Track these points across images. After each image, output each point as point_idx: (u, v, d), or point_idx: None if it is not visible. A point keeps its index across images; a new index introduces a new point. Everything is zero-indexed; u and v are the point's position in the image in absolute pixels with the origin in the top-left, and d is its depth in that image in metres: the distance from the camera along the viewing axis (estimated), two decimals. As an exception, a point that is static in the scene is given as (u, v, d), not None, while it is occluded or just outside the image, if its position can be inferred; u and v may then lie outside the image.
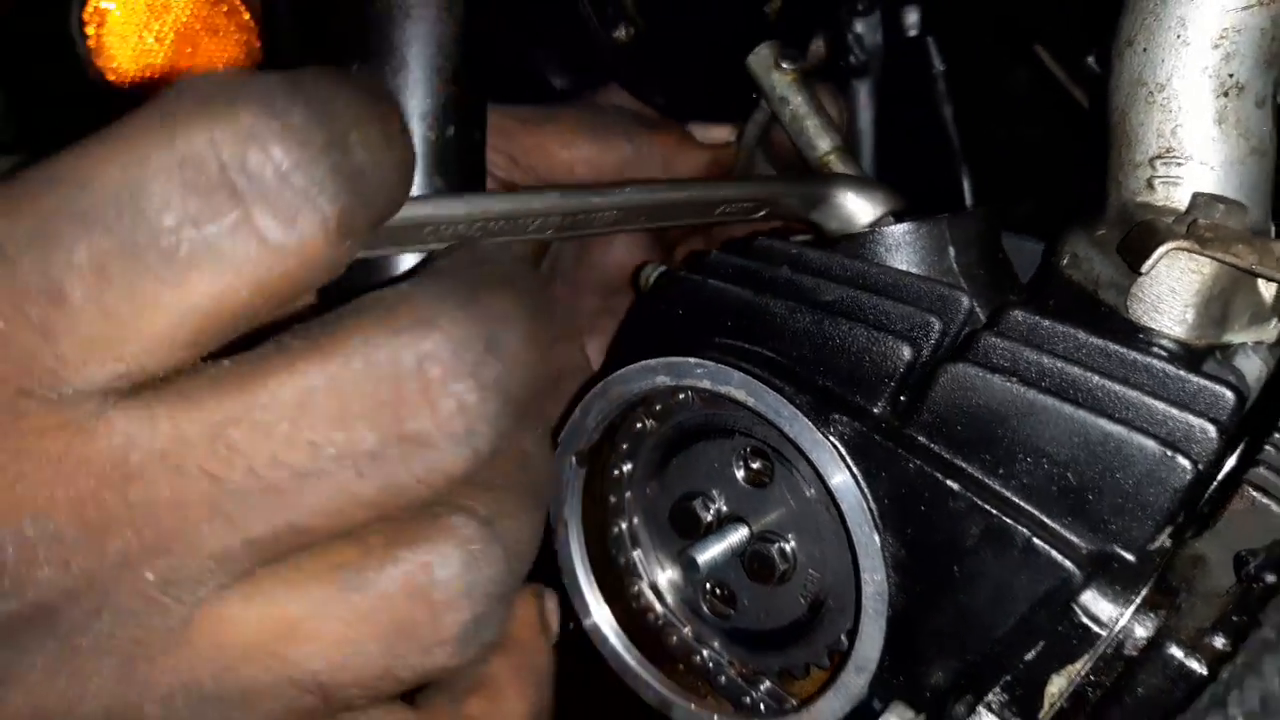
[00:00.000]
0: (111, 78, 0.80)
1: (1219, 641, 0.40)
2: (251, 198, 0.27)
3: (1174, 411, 0.43)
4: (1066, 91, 0.66)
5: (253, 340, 0.31)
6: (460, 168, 0.48)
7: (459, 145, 0.49)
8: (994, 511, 0.44)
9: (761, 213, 0.56)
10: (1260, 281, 0.47)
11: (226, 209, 0.27)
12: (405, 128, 0.32)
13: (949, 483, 0.45)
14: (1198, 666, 0.39)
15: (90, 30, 0.78)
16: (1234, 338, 0.47)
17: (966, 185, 0.79)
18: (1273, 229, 0.47)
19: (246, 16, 0.80)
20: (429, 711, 0.37)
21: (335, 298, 0.32)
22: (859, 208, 0.57)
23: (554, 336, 0.35)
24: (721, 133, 0.66)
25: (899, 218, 0.56)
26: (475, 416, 0.30)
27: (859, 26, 0.78)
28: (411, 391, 0.29)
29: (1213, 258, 0.43)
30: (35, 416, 0.28)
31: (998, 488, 0.45)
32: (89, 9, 0.78)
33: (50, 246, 0.27)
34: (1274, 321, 0.47)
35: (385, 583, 0.31)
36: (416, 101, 0.47)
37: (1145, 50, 0.47)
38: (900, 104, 0.79)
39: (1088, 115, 0.60)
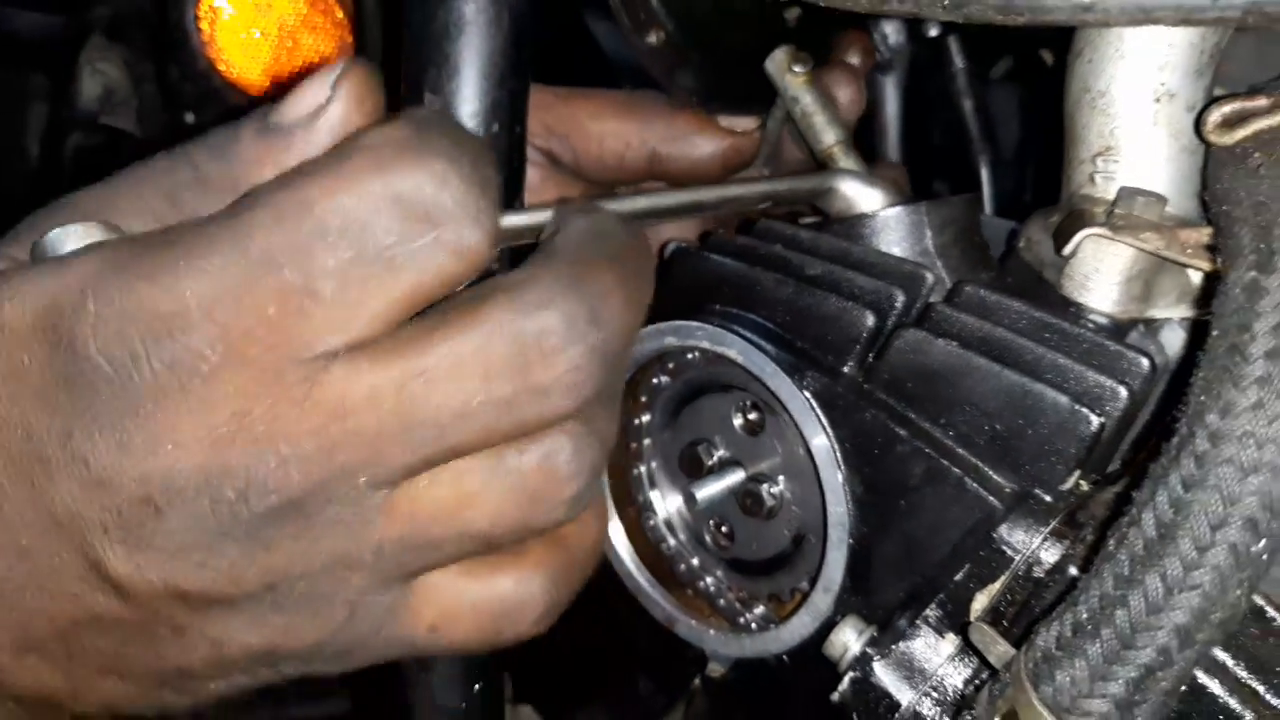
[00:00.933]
0: (221, 68, 0.92)
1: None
2: (441, 222, 0.40)
3: (1090, 373, 0.50)
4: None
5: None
6: (502, 157, 0.58)
7: (503, 139, 0.58)
8: (933, 454, 0.52)
9: (765, 205, 0.64)
10: (1189, 264, 0.54)
11: (426, 231, 0.40)
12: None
13: (898, 430, 0.53)
14: (1089, 584, 0.47)
15: (204, 26, 0.90)
16: (1158, 313, 0.53)
17: (984, 174, 0.86)
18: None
19: (340, 15, 0.91)
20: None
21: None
22: (861, 196, 0.65)
23: (645, 298, 0.46)
24: (744, 122, 0.74)
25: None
26: (582, 372, 0.42)
27: (885, 27, 0.85)
28: (535, 355, 0.41)
29: (1124, 243, 0.50)
30: (290, 373, 0.40)
31: (939, 435, 0.53)
32: (203, 6, 0.90)
33: (308, 257, 0.39)
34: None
35: (526, 465, 0.43)
36: (467, 104, 0.56)
37: (1090, 61, 0.54)
38: (924, 98, 0.86)
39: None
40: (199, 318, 0.39)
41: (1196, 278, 0.54)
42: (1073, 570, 0.48)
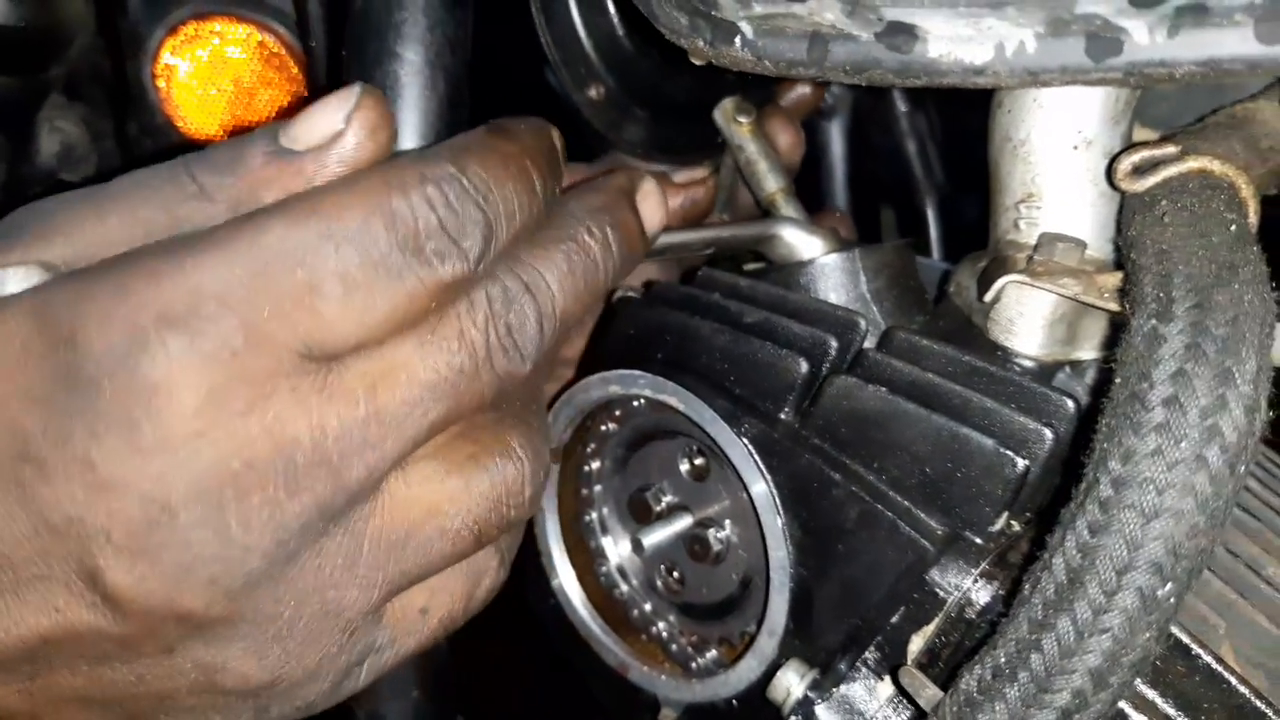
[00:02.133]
0: (179, 124, 0.93)
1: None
2: (427, 242, 0.42)
3: (1015, 416, 0.51)
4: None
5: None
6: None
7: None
8: (867, 498, 0.53)
9: (709, 251, 0.66)
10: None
11: (420, 247, 0.42)
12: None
13: (833, 474, 0.54)
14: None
15: (161, 83, 0.91)
16: (1083, 355, 0.55)
17: (931, 215, 0.88)
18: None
19: (295, 70, 0.92)
20: None
21: None
22: (801, 243, 0.66)
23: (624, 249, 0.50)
24: (697, 172, 0.75)
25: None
26: (529, 342, 0.46)
27: (830, 73, 0.86)
28: (493, 337, 0.45)
29: (1043, 288, 0.51)
30: (309, 368, 0.40)
31: (872, 479, 0.54)
32: (160, 64, 0.91)
33: (320, 258, 0.40)
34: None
35: (505, 469, 0.47)
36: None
37: (1010, 111, 0.55)
38: (868, 140, 0.88)
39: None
40: (216, 309, 0.38)
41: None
42: (1002, 611, 0.49)
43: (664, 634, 0.68)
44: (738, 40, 0.47)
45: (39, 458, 0.38)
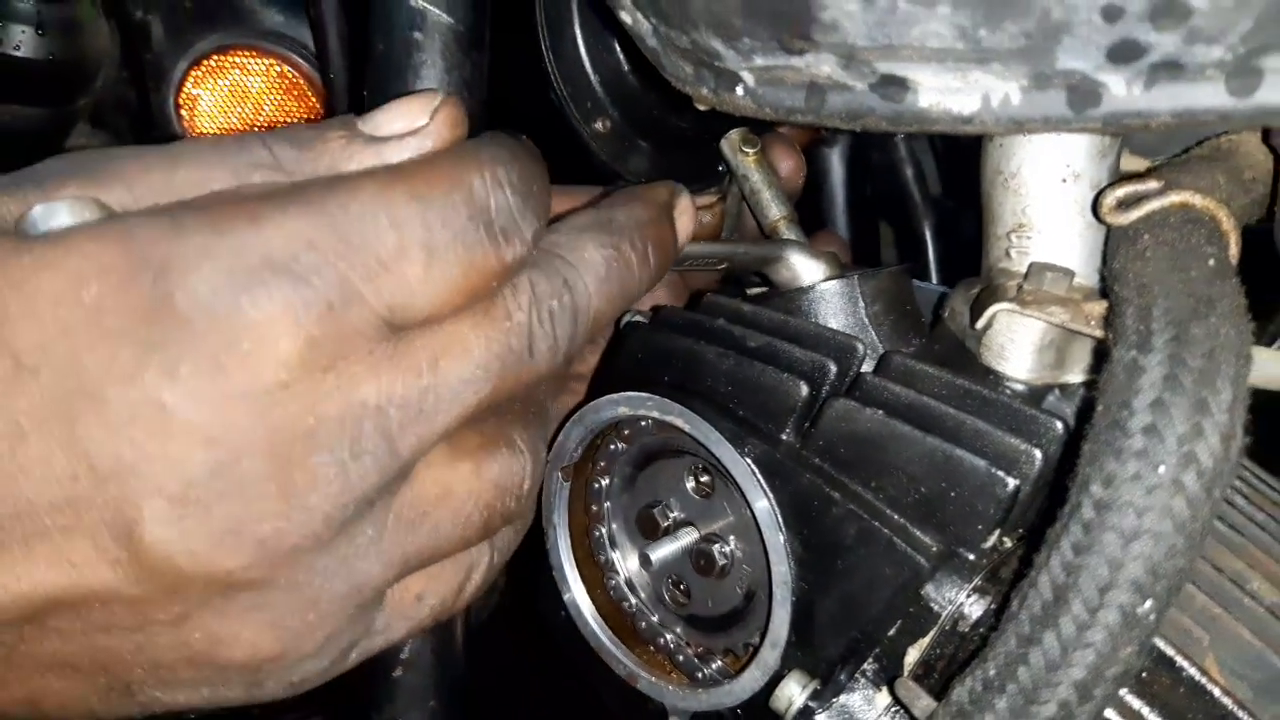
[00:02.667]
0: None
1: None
2: (497, 219, 0.44)
3: (1006, 437, 0.54)
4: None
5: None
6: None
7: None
8: (864, 516, 0.55)
9: (723, 266, 0.68)
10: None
11: (487, 223, 0.44)
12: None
13: (833, 493, 0.56)
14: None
15: (184, 112, 0.94)
16: (1072, 378, 0.57)
17: (929, 239, 0.90)
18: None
19: (314, 101, 0.95)
20: None
21: None
22: (805, 268, 0.69)
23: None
24: (704, 199, 0.78)
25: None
26: (558, 341, 0.48)
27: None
28: (519, 335, 0.46)
29: (1032, 316, 0.53)
30: (385, 334, 0.41)
31: (870, 498, 0.56)
32: (183, 95, 0.94)
33: (405, 226, 0.41)
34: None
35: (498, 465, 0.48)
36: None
37: (1001, 145, 0.58)
38: (868, 164, 0.91)
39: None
40: (319, 260, 0.38)
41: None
42: (994, 625, 0.51)
43: (671, 645, 0.70)
44: (739, 89, 0.49)
45: (99, 394, 0.35)
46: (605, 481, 0.71)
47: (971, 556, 0.53)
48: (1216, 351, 0.42)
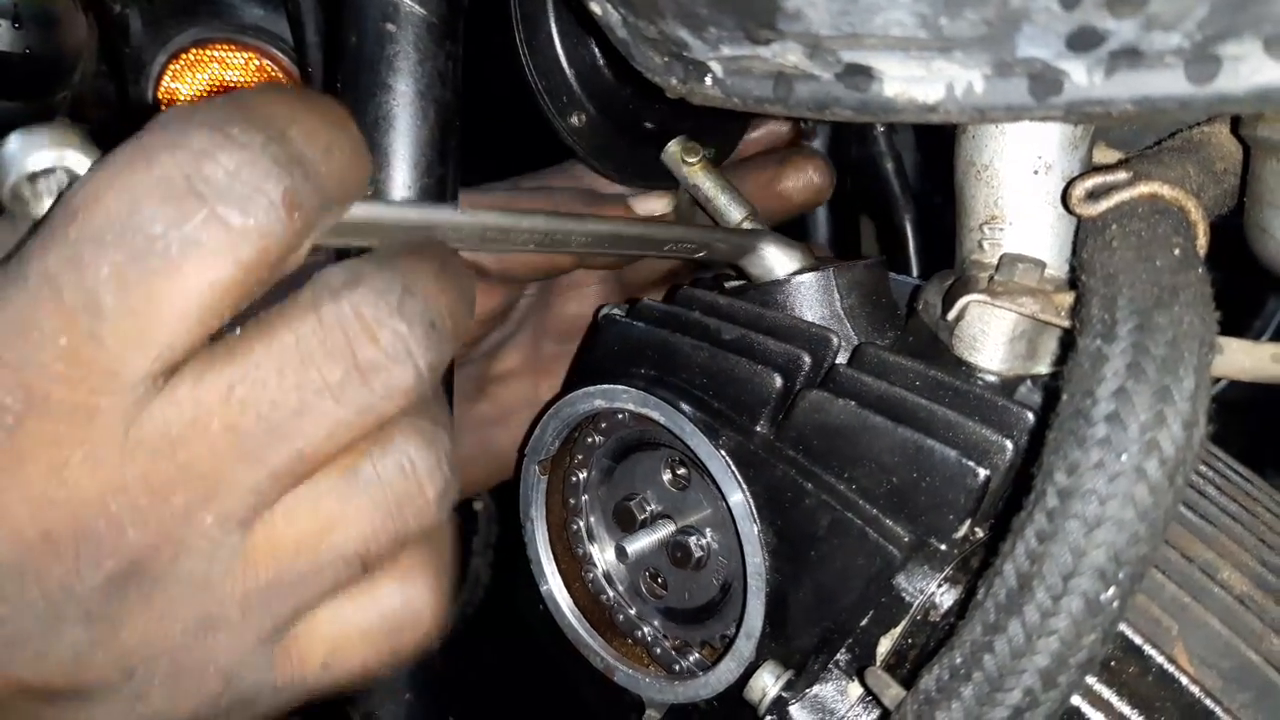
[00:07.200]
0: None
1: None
2: (212, 198, 0.35)
3: (977, 428, 0.54)
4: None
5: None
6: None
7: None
8: (837, 507, 0.55)
9: (701, 254, 0.68)
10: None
11: (196, 210, 0.35)
12: (346, 117, 0.41)
13: (806, 484, 0.57)
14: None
15: (163, 107, 0.94)
16: (1044, 369, 0.57)
17: (909, 232, 0.90)
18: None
19: (293, 94, 0.95)
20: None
21: None
22: (779, 260, 0.68)
23: (462, 283, 0.43)
24: (657, 204, 0.77)
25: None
26: (409, 340, 0.39)
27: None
28: (356, 332, 0.38)
29: (1003, 308, 0.54)
30: (103, 411, 0.36)
31: (843, 489, 0.56)
32: (161, 88, 0.94)
33: (81, 270, 0.35)
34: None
35: (387, 473, 0.41)
36: (398, 192, 0.61)
37: (973, 137, 0.58)
38: (847, 157, 0.91)
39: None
40: None
41: (1080, 335, 0.58)
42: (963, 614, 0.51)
43: (648, 637, 0.70)
44: (708, 79, 0.49)
45: None
46: (583, 474, 0.71)
47: (943, 547, 0.54)
48: (1180, 340, 0.43)
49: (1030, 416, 0.54)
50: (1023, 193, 0.57)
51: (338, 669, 0.43)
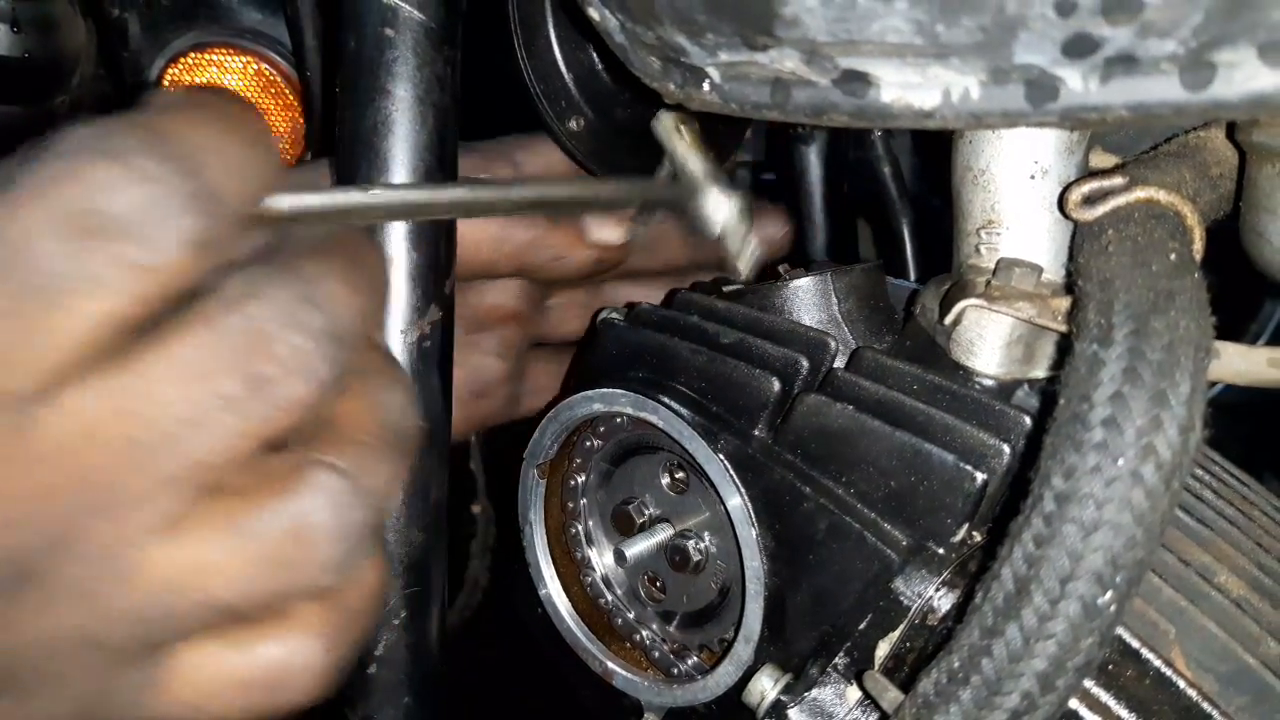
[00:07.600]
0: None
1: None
2: (113, 232, 0.36)
3: (975, 432, 0.54)
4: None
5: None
6: (430, 246, 0.61)
7: (428, 229, 0.62)
8: (835, 510, 0.56)
9: (634, 207, 0.67)
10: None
11: (92, 247, 0.35)
12: (265, 132, 0.41)
13: (804, 488, 0.57)
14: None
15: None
16: (1041, 373, 0.58)
17: (906, 236, 0.90)
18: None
19: (292, 99, 0.95)
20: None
21: None
22: (718, 205, 0.63)
23: (369, 283, 0.43)
24: (613, 234, 0.76)
25: (800, 273, 0.68)
26: (306, 354, 0.39)
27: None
28: (251, 345, 0.38)
29: (1000, 312, 0.54)
30: None
31: (841, 493, 0.56)
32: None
33: None
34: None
35: (271, 530, 0.39)
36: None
37: (970, 142, 0.58)
38: (844, 160, 0.91)
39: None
40: None
41: (1076, 339, 0.58)
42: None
43: (647, 641, 0.70)
44: (706, 84, 0.50)
45: None
46: (581, 478, 0.71)
47: (941, 550, 0.54)
48: (1176, 345, 0.43)
49: (1027, 420, 0.55)
50: (1019, 197, 0.57)
51: (208, 711, 0.42)
